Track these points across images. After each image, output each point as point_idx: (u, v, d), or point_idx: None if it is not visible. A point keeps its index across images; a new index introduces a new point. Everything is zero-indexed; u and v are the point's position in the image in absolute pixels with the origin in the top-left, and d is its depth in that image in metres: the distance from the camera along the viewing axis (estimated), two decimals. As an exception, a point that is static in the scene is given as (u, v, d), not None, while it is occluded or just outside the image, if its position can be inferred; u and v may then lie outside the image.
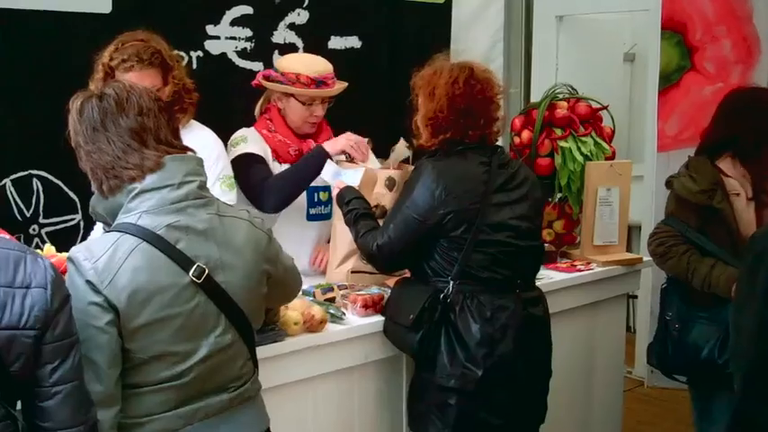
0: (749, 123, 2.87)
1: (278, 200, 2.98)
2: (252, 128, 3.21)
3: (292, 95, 3.12)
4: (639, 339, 4.91)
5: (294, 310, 2.53)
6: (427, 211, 2.52)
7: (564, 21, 5.34)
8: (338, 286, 2.86)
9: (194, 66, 3.65)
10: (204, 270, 1.75)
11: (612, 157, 3.54)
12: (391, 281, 2.85)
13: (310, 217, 3.25)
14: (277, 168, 3.15)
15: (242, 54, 3.81)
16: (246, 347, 1.89)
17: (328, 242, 3.14)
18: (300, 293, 2.80)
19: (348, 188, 2.84)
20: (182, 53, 3.56)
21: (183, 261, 1.73)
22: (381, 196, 2.91)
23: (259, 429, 1.96)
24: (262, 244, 1.90)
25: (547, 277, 3.22)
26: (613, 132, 3.62)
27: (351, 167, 2.94)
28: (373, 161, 3.17)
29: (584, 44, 5.44)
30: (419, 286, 2.61)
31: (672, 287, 3.05)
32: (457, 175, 2.54)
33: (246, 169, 3.00)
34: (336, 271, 2.99)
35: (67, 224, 3.40)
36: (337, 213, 2.98)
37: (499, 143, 4.25)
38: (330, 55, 3.75)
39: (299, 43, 3.97)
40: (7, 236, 2.37)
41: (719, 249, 2.88)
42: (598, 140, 3.50)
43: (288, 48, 3.90)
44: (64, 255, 1.95)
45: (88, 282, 1.67)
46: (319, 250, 3.22)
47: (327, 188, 3.21)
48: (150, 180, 1.74)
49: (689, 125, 4.60)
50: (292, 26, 3.97)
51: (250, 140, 3.12)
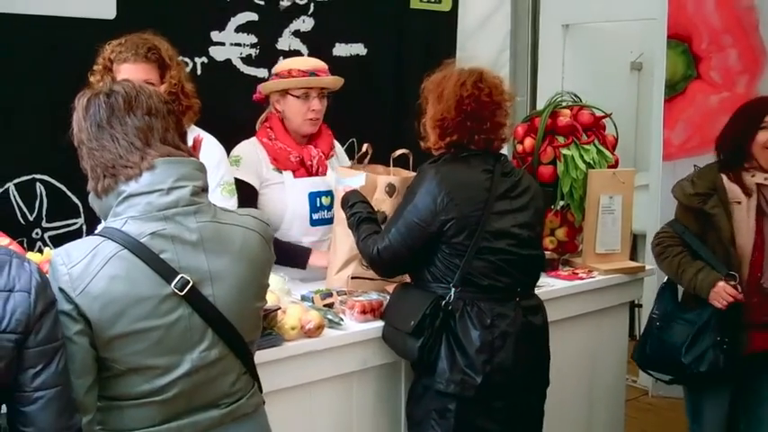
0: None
1: None
2: (253, 138, 3.25)
3: (288, 93, 3.15)
4: (644, 348, 4.86)
5: (292, 315, 2.52)
6: (429, 217, 2.52)
7: (570, 29, 5.33)
8: (337, 292, 2.86)
9: (199, 72, 3.66)
10: (188, 282, 1.68)
11: (615, 166, 3.52)
12: (391, 287, 2.84)
13: (314, 222, 3.25)
14: (277, 177, 3.18)
15: (247, 60, 3.82)
16: (239, 362, 1.81)
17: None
18: (299, 298, 2.82)
19: (353, 192, 2.84)
20: (186, 59, 3.57)
21: (166, 272, 1.66)
22: (381, 202, 2.90)
23: None
24: (260, 257, 1.82)
25: (548, 285, 3.20)
26: (616, 141, 3.60)
27: (350, 175, 2.93)
28: (342, 159, 3.23)
29: (590, 53, 5.43)
30: (420, 292, 2.61)
31: (667, 287, 3.15)
32: (460, 182, 2.54)
33: None
34: (336, 277, 2.98)
35: (70, 228, 3.40)
36: (337, 218, 2.98)
37: (505, 152, 4.28)
38: (335, 62, 3.76)
39: (304, 50, 3.98)
40: (7, 240, 2.38)
41: (710, 254, 2.93)
42: (601, 148, 3.49)
43: (293, 55, 3.91)
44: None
45: (60, 289, 1.63)
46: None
47: (330, 192, 3.22)
48: (138, 184, 1.69)
49: (695, 134, 4.58)
50: (297, 33, 3.98)
51: (243, 163, 3.16)
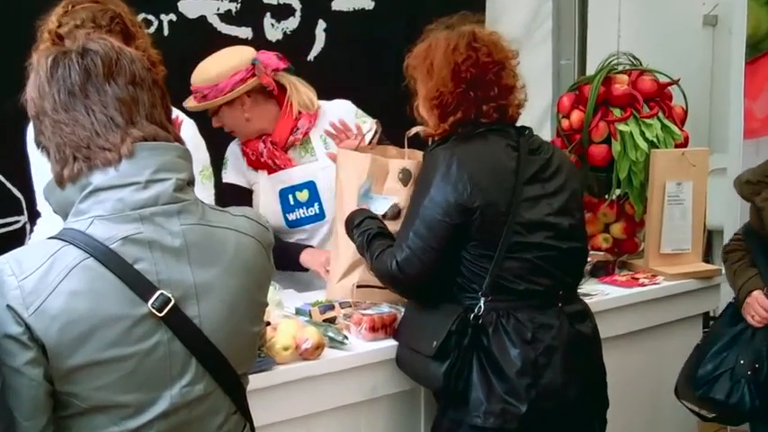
0: None
1: None
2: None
3: None
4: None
5: (284, 333, 2.53)
6: (452, 209, 2.53)
7: (628, -24, 5.32)
8: (340, 304, 2.87)
9: (165, 32, 3.66)
10: (169, 300, 1.66)
11: (685, 144, 3.53)
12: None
13: (290, 223, 3.34)
14: (255, 177, 3.38)
15: (225, 18, 3.82)
16: (229, 399, 1.80)
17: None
18: (293, 312, 2.85)
19: (358, 210, 2.87)
20: (149, 16, 3.57)
21: (142, 286, 1.64)
22: (394, 192, 2.92)
23: None
24: (258, 268, 1.81)
25: (601, 293, 3.22)
26: (686, 113, 3.61)
27: (380, 196, 2.96)
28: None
29: (652, 5, 5.40)
30: (443, 305, 2.62)
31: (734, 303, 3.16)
32: (481, 163, 2.56)
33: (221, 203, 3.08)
34: (338, 285, 3.00)
35: (10, 228, 3.41)
36: (338, 214, 3.00)
37: (547, 129, 4.25)
38: (335, 18, 3.75)
39: (296, 4, 3.98)
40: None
41: (764, 260, 2.97)
42: (666, 123, 3.49)
43: (282, 10, 3.92)
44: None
45: (9, 307, 1.57)
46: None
47: (306, 185, 3.31)
48: (107, 176, 1.67)
49: (784, 105, 4.57)
50: (288, -17, 3.99)
51: (230, 164, 3.38)
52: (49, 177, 1.73)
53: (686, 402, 3.22)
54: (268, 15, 3.85)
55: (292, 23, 3.97)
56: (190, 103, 3.26)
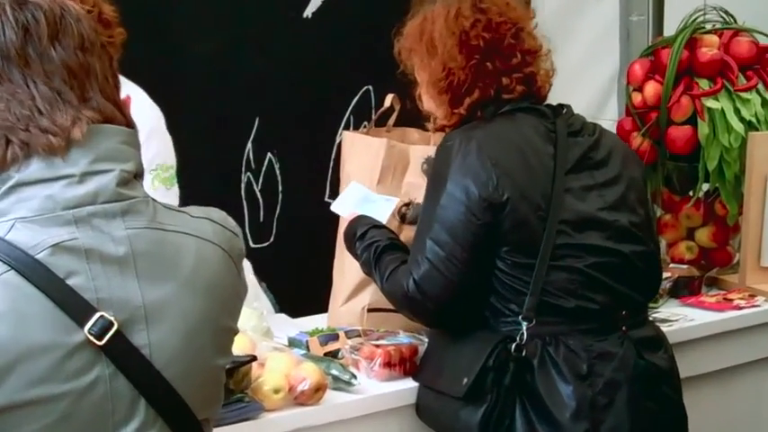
0: None
1: None
2: None
3: None
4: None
5: (275, 371, 2.53)
6: (475, 204, 2.54)
7: None
8: (346, 332, 2.87)
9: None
10: (111, 324, 1.65)
11: (792, 125, 3.51)
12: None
13: None
14: None
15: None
16: None
17: None
18: (285, 343, 2.85)
19: (360, 218, 2.88)
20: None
21: (77, 307, 1.63)
22: (416, 188, 2.91)
23: None
24: (224, 284, 1.81)
25: (684, 318, 3.21)
26: (794, 85, 3.58)
27: (382, 196, 2.97)
28: None
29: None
30: (474, 333, 2.63)
31: None
32: (508, 147, 2.60)
33: None
34: (344, 309, 3.01)
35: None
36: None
37: (612, 106, 4.25)
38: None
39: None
40: None
41: None
42: (768, 98, 3.50)
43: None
44: None
45: None
46: None
47: None
48: (32, 168, 1.65)
49: None
50: None
51: None
52: None
53: None
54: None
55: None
56: None
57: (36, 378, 1.61)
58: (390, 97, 3.13)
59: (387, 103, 3.13)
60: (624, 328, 2.62)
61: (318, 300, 3.29)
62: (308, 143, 3.96)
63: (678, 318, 3.18)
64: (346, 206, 2.97)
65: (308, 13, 4.04)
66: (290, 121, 3.92)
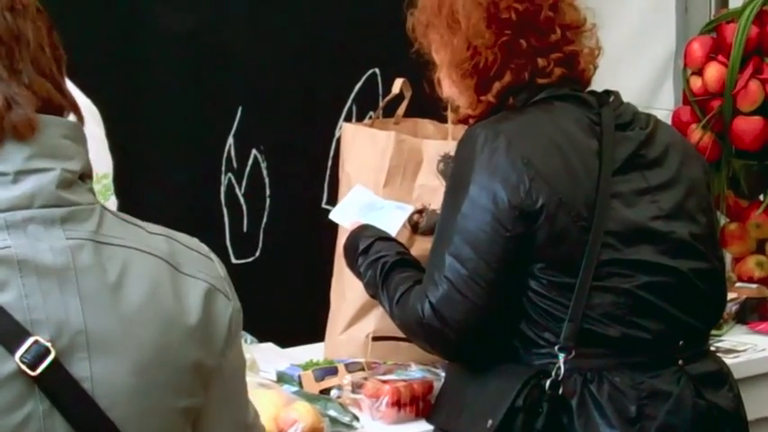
0: None
1: None
2: None
3: None
4: None
5: (261, 413, 2.48)
6: (504, 212, 2.54)
7: None
8: (347, 366, 2.90)
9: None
10: (48, 351, 1.66)
11: None
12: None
13: None
14: None
15: None
16: None
17: None
18: (274, 378, 2.87)
19: (363, 229, 2.88)
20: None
21: (6, 330, 1.64)
22: (432, 192, 2.94)
23: None
24: (185, 308, 1.80)
25: (753, 349, 3.22)
26: None
27: (393, 203, 2.98)
28: None
29: None
30: (501, 365, 2.64)
31: None
32: (544, 143, 2.60)
33: None
34: (343, 337, 3.03)
35: None
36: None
37: (668, 91, 4.25)
38: None
39: None
40: None
41: None
42: None
43: None
44: None
45: None
46: None
47: None
48: None
49: None
50: None
51: None
52: None
53: None
54: None
55: None
56: None
57: None
58: (400, 82, 3.14)
59: (396, 89, 3.15)
60: (681, 362, 2.62)
61: (314, 326, 3.28)
62: (302, 138, 3.93)
63: (746, 347, 3.20)
64: (348, 214, 2.97)
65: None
66: (280, 112, 3.90)
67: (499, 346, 2.63)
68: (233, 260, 3.86)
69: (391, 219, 2.91)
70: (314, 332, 3.27)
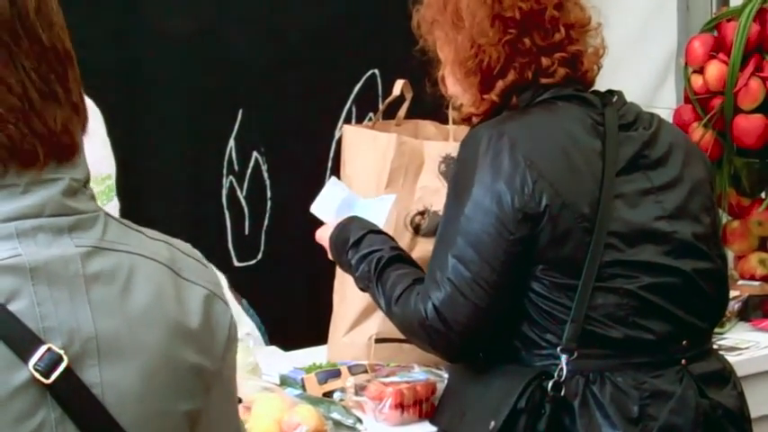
0: None
1: None
2: None
3: None
4: None
5: (264, 416, 2.56)
6: (508, 214, 2.54)
7: None
8: (350, 368, 2.90)
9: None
10: (61, 359, 1.67)
11: None
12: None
13: None
14: None
15: None
16: None
17: None
18: (276, 381, 2.87)
19: (352, 220, 2.87)
20: None
21: (19, 338, 1.65)
22: (433, 194, 2.94)
23: None
24: (188, 314, 1.81)
25: (756, 346, 3.22)
26: None
27: (374, 199, 2.95)
28: None
29: None
30: (503, 367, 2.65)
31: None
32: (547, 144, 2.61)
33: None
34: (346, 340, 3.03)
35: None
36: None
37: (669, 90, 4.26)
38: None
39: None
40: None
41: None
42: None
43: None
44: None
45: None
46: None
47: None
48: None
49: None
50: None
51: None
52: None
53: None
54: None
55: None
56: None
57: None
58: (401, 83, 3.13)
59: (396, 91, 3.14)
60: (684, 362, 2.62)
61: (316, 329, 3.30)
62: (302, 140, 3.94)
63: (748, 345, 3.20)
64: (329, 207, 2.96)
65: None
66: (280, 114, 3.90)
67: (501, 348, 2.64)
68: (235, 263, 3.86)
69: (377, 210, 2.89)
70: (316, 335, 3.27)
